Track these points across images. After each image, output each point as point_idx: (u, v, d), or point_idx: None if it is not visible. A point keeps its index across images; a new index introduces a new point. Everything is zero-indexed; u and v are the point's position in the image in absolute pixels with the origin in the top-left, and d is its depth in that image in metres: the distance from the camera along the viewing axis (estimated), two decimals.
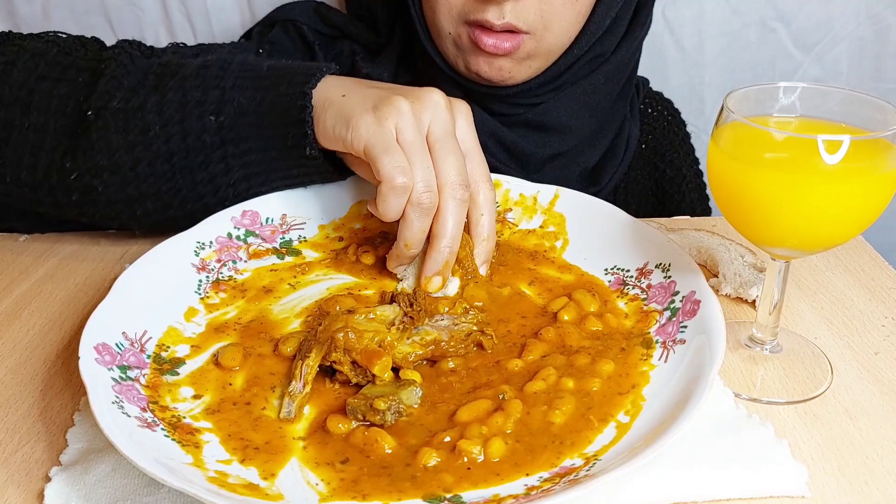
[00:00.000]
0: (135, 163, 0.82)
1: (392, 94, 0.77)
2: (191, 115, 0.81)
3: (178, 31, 1.34)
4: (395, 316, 0.71)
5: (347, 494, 0.58)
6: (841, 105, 0.70)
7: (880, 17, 1.36)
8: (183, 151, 0.82)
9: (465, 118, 0.82)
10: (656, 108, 1.25)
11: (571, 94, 1.04)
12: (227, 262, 0.82)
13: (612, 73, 1.06)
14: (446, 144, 0.77)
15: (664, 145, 1.22)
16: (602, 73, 1.05)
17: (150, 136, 0.81)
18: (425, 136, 0.77)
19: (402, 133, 0.75)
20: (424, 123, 0.77)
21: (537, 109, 1.04)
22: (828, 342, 0.76)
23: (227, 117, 0.81)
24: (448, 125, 0.78)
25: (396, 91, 0.79)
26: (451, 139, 0.78)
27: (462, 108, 0.82)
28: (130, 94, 0.82)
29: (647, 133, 1.22)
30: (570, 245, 0.86)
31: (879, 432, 0.66)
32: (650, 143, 1.22)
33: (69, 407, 0.68)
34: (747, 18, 1.37)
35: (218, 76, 0.82)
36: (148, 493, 0.59)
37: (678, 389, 0.64)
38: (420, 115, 0.77)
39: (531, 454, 0.61)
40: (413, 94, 0.78)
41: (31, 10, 1.32)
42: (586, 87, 1.05)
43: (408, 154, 0.75)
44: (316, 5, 1.15)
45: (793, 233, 0.67)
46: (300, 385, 0.67)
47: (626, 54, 1.06)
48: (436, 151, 0.77)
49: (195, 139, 0.81)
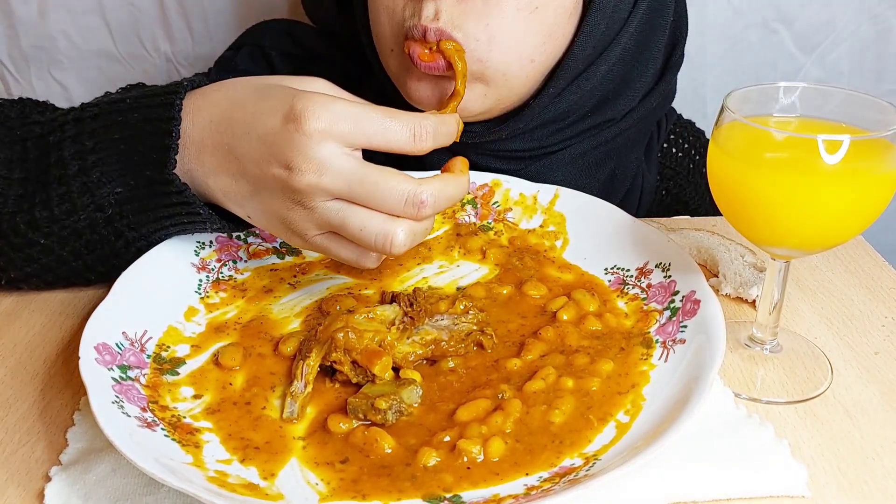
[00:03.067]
0: (43, 270, 0.77)
1: (279, 195, 0.67)
2: (75, 220, 0.74)
3: (175, 32, 1.34)
4: (395, 316, 0.71)
5: (347, 494, 0.58)
6: (841, 105, 0.70)
7: (882, 17, 1.36)
8: (85, 247, 0.76)
9: (331, 120, 0.65)
10: (682, 146, 1.10)
11: (570, 155, 0.94)
12: (228, 262, 0.82)
13: (621, 134, 0.95)
14: (360, 184, 0.65)
15: (688, 192, 1.09)
16: (608, 135, 0.94)
17: (44, 245, 0.75)
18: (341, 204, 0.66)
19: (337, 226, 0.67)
20: (331, 192, 0.66)
21: (531, 169, 0.93)
22: (828, 342, 0.76)
23: (111, 209, 0.73)
24: (341, 164, 0.65)
25: (274, 181, 0.66)
26: (359, 171, 0.65)
27: (319, 111, 0.65)
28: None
29: (669, 179, 1.09)
30: (570, 245, 0.86)
31: (879, 432, 0.66)
32: (671, 190, 1.08)
33: (69, 406, 0.68)
34: (749, 20, 1.37)
35: (80, 169, 0.73)
36: (148, 493, 0.59)
37: (678, 389, 0.64)
38: (319, 188, 0.65)
39: (531, 454, 0.61)
40: (291, 175, 0.65)
41: (27, 10, 1.32)
42: (588, 147, 0.94)
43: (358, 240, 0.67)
44: (288, 25, 1.07)
45: (793, 233, 0.67)
46: (301, 385, 0.67)
47: (636, 120, 0.94)
48: (360, 197, 0.66)
49: (91, 234, 0.75)
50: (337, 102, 0.65)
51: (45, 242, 0.75)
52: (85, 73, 1.38)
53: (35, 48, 1.36)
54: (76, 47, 1.36)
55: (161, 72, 1.37)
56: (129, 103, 0.73)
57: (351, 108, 0.65)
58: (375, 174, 0.65)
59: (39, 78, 1.38)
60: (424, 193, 0.66)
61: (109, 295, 0.72)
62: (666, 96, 0.98)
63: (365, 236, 0.66)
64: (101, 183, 0.72)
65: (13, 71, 1.38)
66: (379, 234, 0.66)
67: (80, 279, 0.79)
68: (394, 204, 0.65)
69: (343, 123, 0.64)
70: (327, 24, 1.04)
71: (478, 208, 0.90)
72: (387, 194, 0.65)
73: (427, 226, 0.69)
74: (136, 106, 0.73)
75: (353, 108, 0.65)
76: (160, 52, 1.36)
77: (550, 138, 0.92)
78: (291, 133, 0.64)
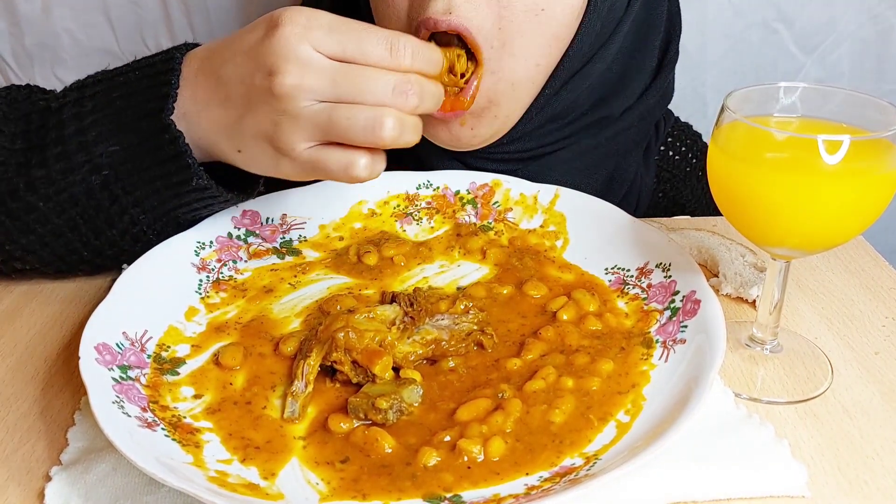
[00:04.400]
0: (40, 243, 0.77)
1: (265, 109, 0.66)
2: (71, 181, 0.73)
3: (178, 30, 1.34)
4: (395, 316, 0.71)
5: (347, 494, 0.58)
6: (842, 105, 0.70)
7: (882, 17, 1.36)
8: (81, 216, 0.75)
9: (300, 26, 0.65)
10: (679, 149, 1.09)
11: (567, 155, 0.93)
12: (228, 262, 0.82)
13: (618, 134, 0.94)
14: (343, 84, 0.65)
15: (685, 195, 1.08)
16: (605, 135, 0.93)
17: (41, 211, 0.75)
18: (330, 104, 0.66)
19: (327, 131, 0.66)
20: (316, 100, 0.65)
21: (529, 170, 0.92)
22: (828, 342, 0.76)
23: (107, 170, 0.73)
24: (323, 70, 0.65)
25: (259, 93, 0.66)
26: (343, 73, 0.65)
27: (288, 20, 0.65)
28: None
29: (666, 181, 1.08)
30: (571, 245, 0.86)
31: (879, 432, 0.66)
32: (668, 193, 1.08)
33: (69, 406, 0.68)
34: (749, 20, 1.37)
35: (77, 129, 0.73)
36: (148, 493, 0.59)
37: (678, 389, 0.64)
38: (301, 103, 0.65)
39: (531, 453, 0.61)
40: (273, 89, 0.65)
41: (31, 7, 1.32)
42: (586, 147, 0.93)
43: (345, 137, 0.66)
44: None
45: (793, 233, 0.67)
46: (302, 385, 0.67)
47: (634, 119, 0.94)
48: (346, 93, 0.65)
49: (87, 200, 0.74)
50: (317, 11, 0.66)
51: (42, 207, 0.74)
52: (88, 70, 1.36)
53: (38, 46, 1.36)
54: (79, 45, 1.36)
55: None
56: (131, 65, 0.75)
57: (328, 15, 0.66)
58: (357, 69, 0.65)
59: (42, 75, 1.38)
60: (410, 84, 0.65)
61: (110, 295, 0.72)
62: (664, 93, 0.98)
63: (353, 124, 0.65)
64: (97, 141, 0.72)
65: (16, 68, 1.38)
66: (367, 119, 0.64)
67: (73, 257, 0.79)
68: (381, 95, 0.65)
69: (319, 29, 0.65)
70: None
71: (478, 208, 0.90)
72: (371, 86, 0.64)
73: (415, 121, 0.67)
74: (136, 66, 0.74)
75: (331, 16, 0.66)
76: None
77: (548, 137, 0.92)
78: (270, 39, 0.65)
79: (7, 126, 0.77)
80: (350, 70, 0.65)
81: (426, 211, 0.90)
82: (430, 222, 0.90)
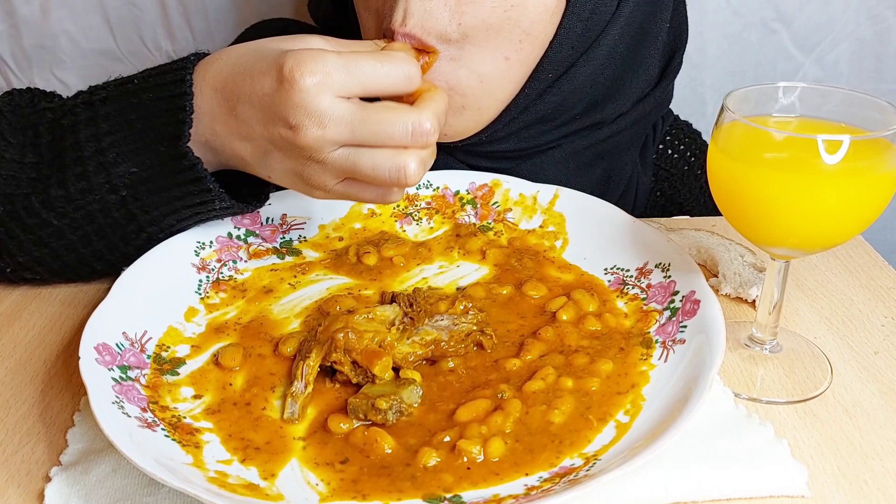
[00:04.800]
0: (52, 256, 0.78)
1: (290, 154, 0.68)
2: (90, 200, 0.74)
3: (177, 31, 1.34)
4: (395, 316, 0.71)
5: (347, 494, 0.58)
6: (841, 105, 0.70)
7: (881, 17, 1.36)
8: (96, 233, 0.76)
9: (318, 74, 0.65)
10: (678, 147, 1.09)
11: (561, 154, 0.93)
12: (228, 262, 0.82)
13: (613, 135, 0.94)
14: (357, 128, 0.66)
15: (682, 193, 1.07)
16: (600, 135, 0.93)
17: (56, 227, 0.76)
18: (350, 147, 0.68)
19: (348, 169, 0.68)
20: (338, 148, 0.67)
21: (523, 168, 0.93)
22: (827, 342, 0.76)
23: (126, 190, 0.74)
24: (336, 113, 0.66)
25: (282, 141, 0.68)
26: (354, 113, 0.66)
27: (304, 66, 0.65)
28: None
29: (663, 180, 1.07)
30: (570, 245, 0.86)
31: (879, 432, 0.66)
32: (666, 191, 1.07)
33: (69, 407, 0.68)
34: (748, 20, 1.37)
35: (97, 150, 0.73)
36: (148, 494, 0.59)
37: (678, 389, 0.64)
38: (323, 146, 0.67)
39: (531, 454, 0.61)
40: (291, 129, 0.66)
41: (29, 9, 1.32)
42: (580, 147, 0.93)
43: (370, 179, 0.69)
44: (285, 24, 1.08)
45: (793, 233, 0.67)
46: (302, 385, 0.67)
47: (628, 123, 0.93)
48: (365, 139, 0.67)
49: (103, 219, 0.75)
50: (326, 55, 0.66)
51: (57, 224, 0.75)
52: (87, 71, 1.38)
53: (37, 47, 1.36)
54: (78, 46, 1.36)
55: None
56: (139, 84, 0.74)
57: (341, 58, 0.67)
58: (375, 113, 0.67)
59: (41, 77, 1.38)
60: (429, 121, 0.67)
61: (109, 295, 0.72)
62: (661, 102, 0.98)
63: (378, 174, 0.68)
64: (116, 162, 0.73)
65: (15, 70, 1.38)
66: (392, 169, 0.67)
67: (84, 269, 0.80)
68: (400, 138, 0.67)
69: (336, 74, 0.66)
70: (328, 22, 1.04)
71: (478, 208, 0.90)
72: (391, 130, 0.67)
73: (433, 150, 0.70)
74: (147, 86, 0.74)
75: (344, 59, 0.67)
76: (161, 51, 1.36)
77: (539, 138, 0.92)
78: (287, 92, 0.65)
79: (15, 137, 0.77)
80: (368, 116, 0.66)
81: (426, 211, 0.90)
82: (429, 222, 0.90)
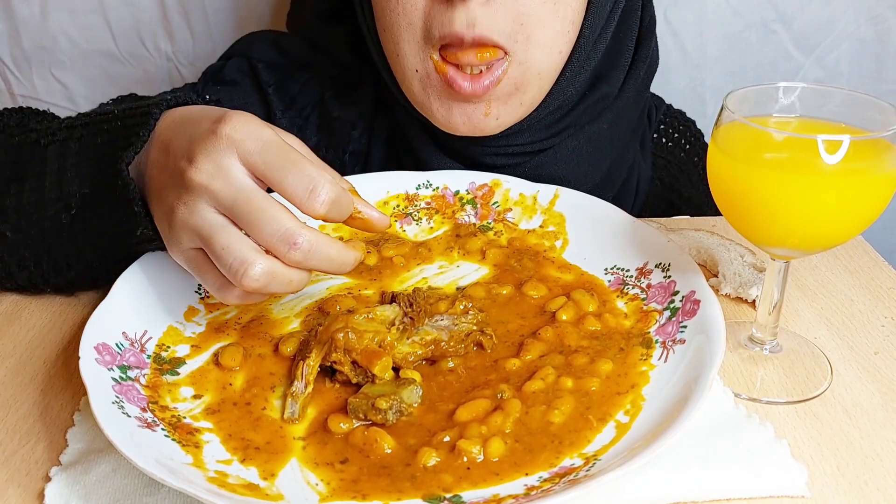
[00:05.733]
0: (4, 273, 0.79)
1: (175, 187, 0.66)
2: (41, 217, 0.75)
3: (176, 31, 1.34)
4: (395, 316, 0.71)
5: (347, 494, 0.58)
6: (841, 105, 0.70)
7: (881, 18, 1.36)
8: (47, 252, 0.77)
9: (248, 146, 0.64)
10: (672, 135, 1.10)
11: (573, 144, 0.94)
12: None
13: (619, 117, 0.96)
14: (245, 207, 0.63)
15: (681, 181, 1.08)
16: (607, 119, 0.95)
17: (10, 241, 0.77)
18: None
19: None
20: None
21: (535, 161, 0.94)
22: (827, 342, 0.76)
23: (76, 210, 0.74)
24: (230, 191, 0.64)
25: (177, 172, 0.66)
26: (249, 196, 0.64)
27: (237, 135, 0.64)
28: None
29: (662, 168, 1.08)
30: (570, 245, 0.86)
31: (879, 432, 0.66)
32: (664, 179, 1.08)
33: (69, 407, 0.68)
34: (748, 20, 1.36)
35: (59, 167, 0.75)
36: (148, 494, 0.59)
37: (678, 389, 0.64)
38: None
39: (530, 454, 0.61)
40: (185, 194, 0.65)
41: (29, 11, 1.32)
42: (590, 134, 0.95)
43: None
44: (276, 36, 1.08)
45: (793, 233, 0.67)
46: (302, 385, 0.67)
47: (630, 94, 0.96)
48: (240, 216, 0.64)
49: (52, 238, 0.76)
50: (263, 125, 0.65)
51: (10, 237, 0.76)
52: (86, 72, 1.38)
53: (37, 48, 1.36)
54: (77, 47, 1.36)
55: (162, 71, 1.37)
56: (116, 114, 0.76)
57: (273, 134, 0.65)
58: (264, 200, 0.63)
59: (41, 77, 1.38)
60: (302, 238, 0.63)
61: (109, 295, 0.72)
62: (651, 62, 0.99)
63: (224, 256, 0.63)
64: (71, 181, 0.74)
65: (15, 71, 1.38)
66: (237, 259, 0.63)
67: (34, 290, 0.81)
68: (268, 234, 0.63)
69: (252, 142, 0.64)
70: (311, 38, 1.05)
71: (477, 208, 0.90)
72: (265, 222, 0.63)
73: (292, 277, 0.65)
74: (121, 116, 0.75)
75: (274, 136, 0.65)
76: (161, 52, 1.36)
77: (555, 126, 0.93)
78: (211, 134, 0.64)
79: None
80: (253, 198, 0.63)
81: (426, 211, 0.90)
82: (429, 222, 0.90)
